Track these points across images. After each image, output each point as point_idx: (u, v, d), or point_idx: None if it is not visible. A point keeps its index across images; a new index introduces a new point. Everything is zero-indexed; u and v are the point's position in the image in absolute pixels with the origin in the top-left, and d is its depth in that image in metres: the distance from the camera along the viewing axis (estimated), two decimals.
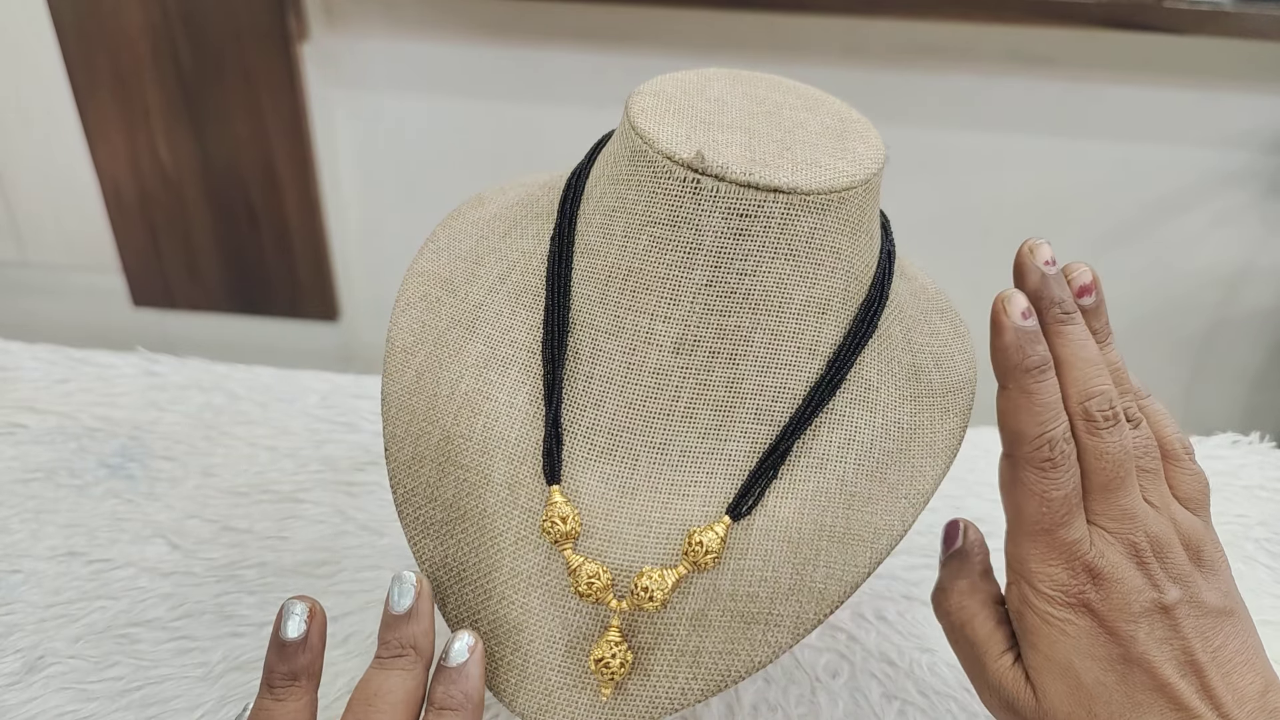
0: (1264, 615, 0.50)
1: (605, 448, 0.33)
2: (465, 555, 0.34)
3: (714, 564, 0.32)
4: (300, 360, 0.69)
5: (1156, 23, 0.87)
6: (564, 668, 0.33)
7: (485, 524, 0.33)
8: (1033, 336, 0.32)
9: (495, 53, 0.99)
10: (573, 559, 0.32)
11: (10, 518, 0.52)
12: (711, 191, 0.31)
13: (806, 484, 0.33)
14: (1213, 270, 1.05)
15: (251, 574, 0.49)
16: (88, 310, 1.21)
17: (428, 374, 0.35)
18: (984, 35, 0.93)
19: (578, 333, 0.33)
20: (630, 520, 0.32)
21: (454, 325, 0.36)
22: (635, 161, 0.32)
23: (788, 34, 0.94)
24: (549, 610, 0.33)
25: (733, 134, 0.32)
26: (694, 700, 0.33)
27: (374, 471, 0.56)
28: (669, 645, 0.33)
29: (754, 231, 0.31)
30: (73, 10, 0.98)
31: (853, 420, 0.34)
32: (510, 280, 0.36)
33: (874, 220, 0.34)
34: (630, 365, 0.33)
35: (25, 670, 0.44)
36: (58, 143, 1.08)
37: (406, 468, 0.35)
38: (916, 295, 0.38)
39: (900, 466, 0.34)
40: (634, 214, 0.32)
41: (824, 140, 0.33)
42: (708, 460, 0.33)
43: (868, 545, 0.33)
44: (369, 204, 1.11)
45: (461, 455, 0.34)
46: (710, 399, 0.33)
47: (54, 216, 1.14)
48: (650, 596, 0.31)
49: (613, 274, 0.33)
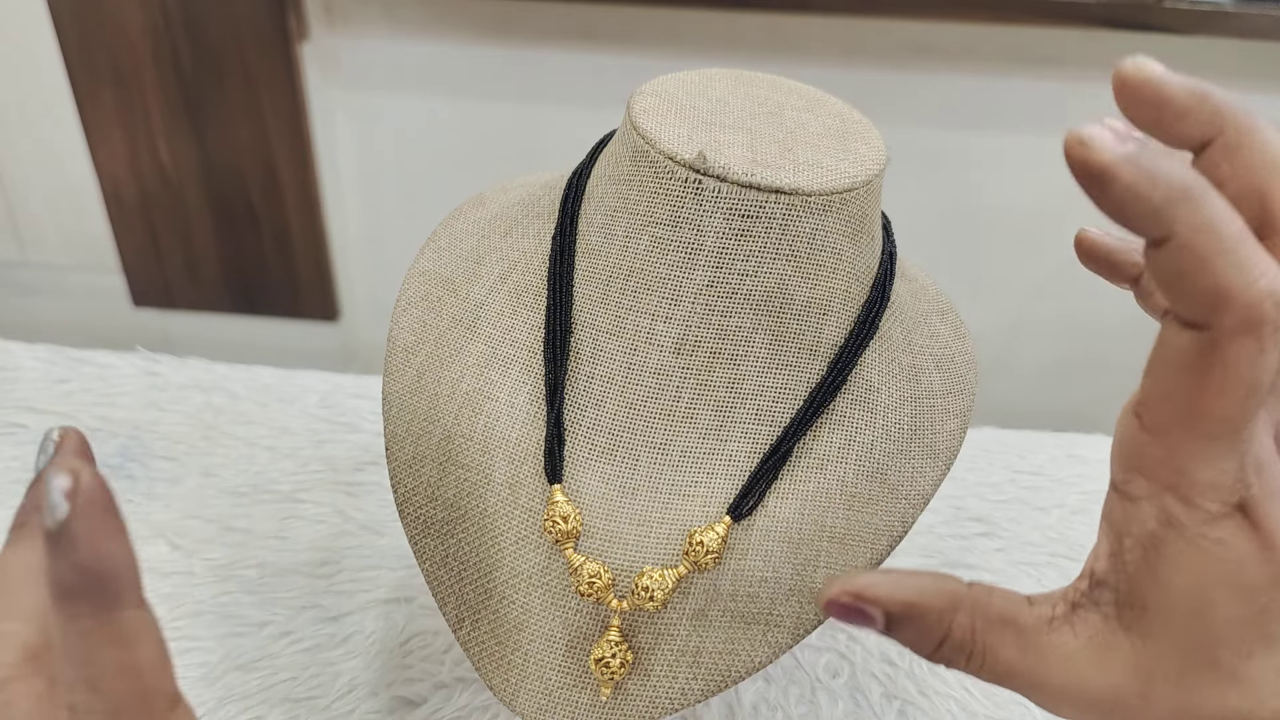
0: None
1: (606, 448, 0.33)
2: (466, 554, 0.34)
3: (714, 564, 0.32)
4: (300, 360, 0.69)
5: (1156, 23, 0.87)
6: (564, 667, 0.33)
7: (486, 524, 0.33)
8: (1161, 153, 0.19)
9: (495, 53, 0.99)
10: (574, 558, 0.32)
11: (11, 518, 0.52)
12: (713, 192, 0.31)
13: (807, 485, 0.33)
14: None
15: (251, 574, 0.49)
16: (88, 310, 1.21)
17: (429, 373, 0.35)
18: (984, 35, 0.93)
19: (579, 333, 0.33)
20: (631, 520, 0.32)
21: (455, 325, 0.36)
22: (637, 161, 0.32)
23: (788, 34, 0.94)
24: (549, 610, 0.33)
25: (734, 134, 0.32)
26: (694, 700, 0.32)
27: (374, 471, 0.56)
28: (669, 645, 0.33)
29: (755, 232, 0.31)
30: (73, 10, 0.98)
31: (853, 422, 0.34)
32: (511, 280, 0.35)
33: (875, 221, 0.34)
34: (631, 365, 0.33)
35: None
36: (58, 143, 1.08)
37: (407, 467, 0.35)
38: (917, 296, 0.38)
39: (900, 468, 0.34)
40: (635, 214, 0.32)
41: (826, 141, 0.33)
42: (708, 461, 0.33)
43: (868, 546, 0.33)
44: (369, 204, 1.11)
45: (462, 455, 0.34)
46: (711, 400, 0.33)
47: (54, 216, 1.14)
48: (651, 596, 0.31)
49: (614, 274, 0.33)
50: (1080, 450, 0.60)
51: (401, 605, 0.48)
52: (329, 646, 0.46)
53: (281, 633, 0.47)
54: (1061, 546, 0.54)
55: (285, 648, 0.46)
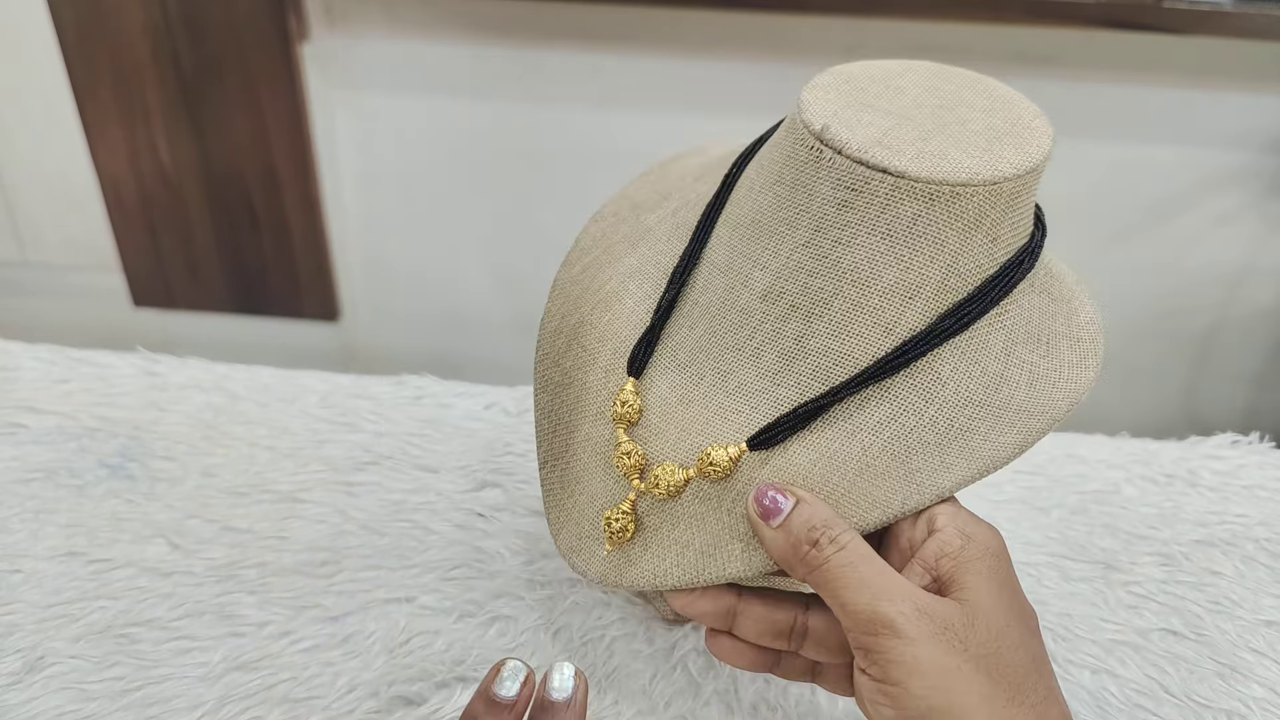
0: (1264, 615, 0.50)
1: (682, 362, 0.38)
2: (563, 413, 0.40)
3: (719, 478, 0.36)
4: (300, 360, 0.69)
5: (1156, 23, 0.87)
6: (594, 521, 0.39)
7: (583, 394, 0.40)
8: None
9: (495, 53, 0.99)
10: (621, 437, 0.37)
11: (10, 518, 0.52)
12: (829, 162, 0.34)
13: (831, 444, 0.35)
14: (1213, 270, 1.05)
15: (251, 574, 0.49)
16: (88, 310, 1.21)
17: (590, 270, 0.42)
18: (984, 35, 0.93)
19: (702, 265, 0.38)
20: (677, 425, 0.37)
21: (624, 240, 0.42)
22: (788, 128, 0.36)
23: (788, 34, 0.94)
24: (599, 474, 0.39)
25: (882, 118, 0.35)
26: (670, 583, 0.37)
27: (374, 471, 0.56)
28: (669, 532, 0.37)
29: (857, 205, 0.33)
30: (73, 10, 0.98)
31: (903, 403, 0.35)
32: (680, 215, 0.41)
33: (1001, 225, 0.35)
34: (725, 301, 0.37)
35: (25, 670, 0.44)
36: (58, 142, 1.08)
37: (549, 335, 0.42)
38: (1053, 316, 0.38)
39: (929, 457, 0.35)
40: (769, 172, 0.36)
41: (975, 139, 0.34)
42: (757, 397, 0.36)
43: (860, 512, 0.35)
44: (369, 204, 1.11)
45: (585, 338, 0.40)
46: (778, 347, 0.36)
47: (54, 216, 1.14)
48: (657, 484, 0.36)
49: (740, 222, 0.37)
50: (1080, 450, 0.60)
51: (401, 605, 0.48)
52: (329, 646, 0.46)
53: (281, 633, 0.47)
54: (1062, 547, 0.54)
55: (285, 648, 0.46)
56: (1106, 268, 1.05)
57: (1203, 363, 1.11)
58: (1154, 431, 0.65)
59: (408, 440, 0.58)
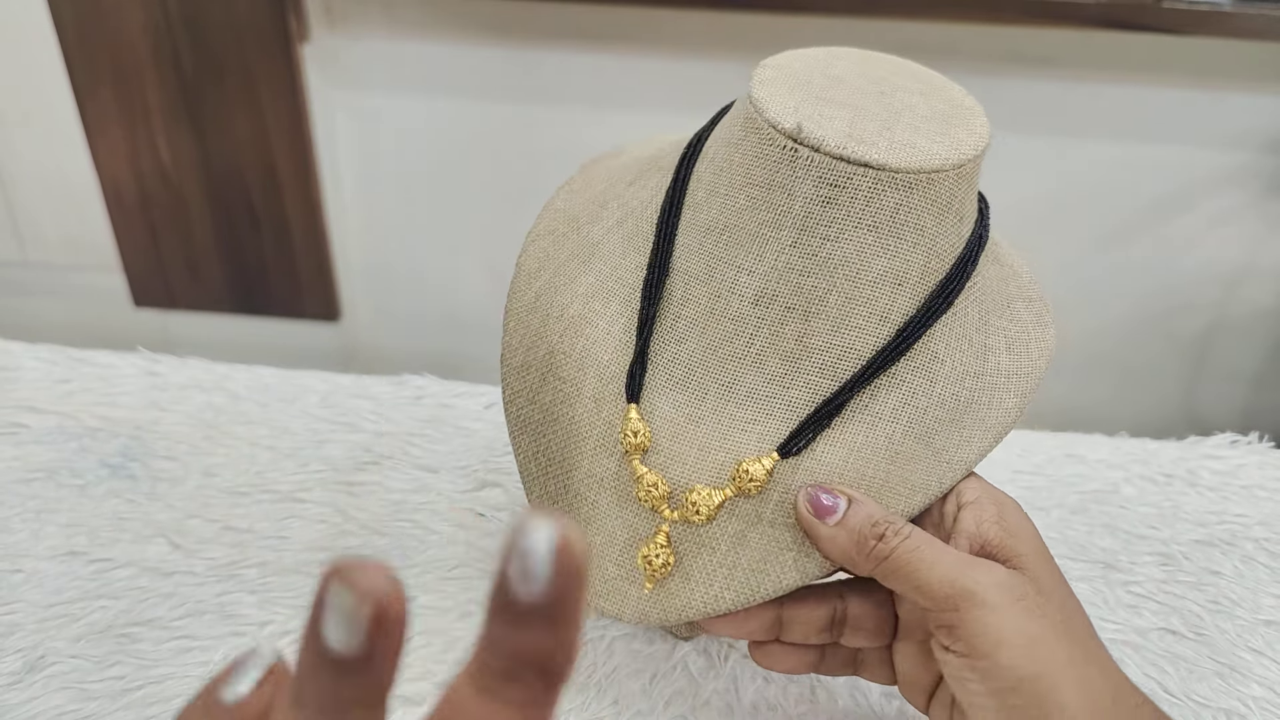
0: (1264, 615, 0.50)
1: (681, 379, 0.36)
2: (553, 453, 0.38)
3: (757, 492, 0.35)
4: (300, 360, 0.69)
5: (1155, 23, 0.87)
6: (619, 561, 0.37)
7: (572, 429, 0.38)
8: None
9: (495, 53, 0.99)
10: (639, 468, 0.36)
11: (11, 518, 0.52)
12: (806, 161, 0.33)
13: (856, 437, 0.35)
14: (1213, 270, 1.05)
15: (252, 574, 0.49)
16: (88, 310, 1.21)
17: (544, 296, 0.40)
18: (983, 35, 0.93)
19: (674, 276, 0.37)
20: (692, 444, 0.36)
21: (573, 258, 0.40)
22: (745, 127, 0.35)
23: (788, 34, 0.94)
24: (614, 511, 0.37)
25: (839, 110, 0.35)
26: (724, 608, 0.36)
27: (374, 471, 0.56)
28: (710, 556, 0.36)
29: (841, 201, 0.34)
30: (73, 10, 0.98)
31: (912, 386, 0.36)
32: (626, 225, 0.39)
33: (966, 203, 0.36)
34: (714, 311, 0.36)
35: (26, 670, 0.44)
36: (58, 142, 1.08)
37: (516, 372, 0.40)
38: (1006, 281, 0.39)
39: (948, 434, 0.36)
40: (737, 174, 0.35)
41: (928, 124, 0.35)
42: (769, 403, 0.36)
43: (902, 499, 0.35)
44: (369, 204, 1.11)
45: (561, 369, 0.38)
46: (780, 349, 0.35)
47: (54, 216, 1.14)
48: (697, 510, 0.35)
49: (711, 227, 0.36)
50: (1080, 450, 0.61)
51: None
52: None
53: (282, 633, 0.47)
54: (1061, 547, 0.54)
55: (286, 647, 0.46)
56: (1106, 267, 1.05)
57: (1202, 363, 1.12)
58: (1153, 431, 0.65)
59: (408, 440, 0.58)
